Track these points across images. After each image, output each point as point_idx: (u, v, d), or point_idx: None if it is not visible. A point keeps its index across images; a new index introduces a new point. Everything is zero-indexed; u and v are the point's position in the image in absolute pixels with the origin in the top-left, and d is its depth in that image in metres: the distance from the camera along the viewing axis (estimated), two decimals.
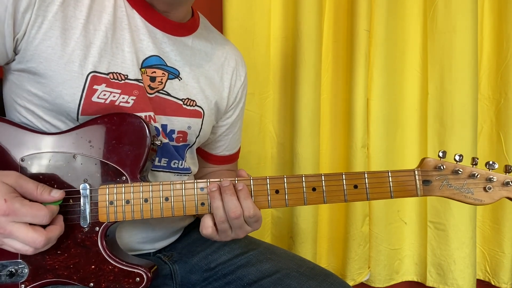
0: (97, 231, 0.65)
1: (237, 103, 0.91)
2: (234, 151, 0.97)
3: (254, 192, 0.67)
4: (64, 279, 0.64)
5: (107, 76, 0.68)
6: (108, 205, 0.65)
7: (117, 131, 0.67)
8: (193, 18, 0.83)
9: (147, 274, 0.66)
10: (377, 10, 1.31)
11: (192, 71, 0.79)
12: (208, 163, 0.95)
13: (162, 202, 0.66)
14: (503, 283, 1.44)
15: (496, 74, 1.41)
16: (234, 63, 0.89)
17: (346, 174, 0.67)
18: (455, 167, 0.67)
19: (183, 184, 0.67)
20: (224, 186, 0.65)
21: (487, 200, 0.67)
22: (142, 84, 0.72)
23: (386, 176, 0.67)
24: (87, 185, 0.65)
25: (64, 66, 0.65)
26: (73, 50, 0.66)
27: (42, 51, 0.65)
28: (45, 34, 0.64)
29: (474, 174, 0.67)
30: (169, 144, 0.77)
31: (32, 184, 0.60)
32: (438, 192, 0.68)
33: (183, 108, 0.78)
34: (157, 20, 0.75)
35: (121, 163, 0.66)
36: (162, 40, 0.76)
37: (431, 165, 0.68)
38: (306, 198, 0.67)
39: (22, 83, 0.68)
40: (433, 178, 0.67)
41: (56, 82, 0.66)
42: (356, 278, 1.40)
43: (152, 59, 0.74)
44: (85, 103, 0.67)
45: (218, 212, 0.65)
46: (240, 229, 0.67)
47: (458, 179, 0.67)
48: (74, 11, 0.67)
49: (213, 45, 0.86)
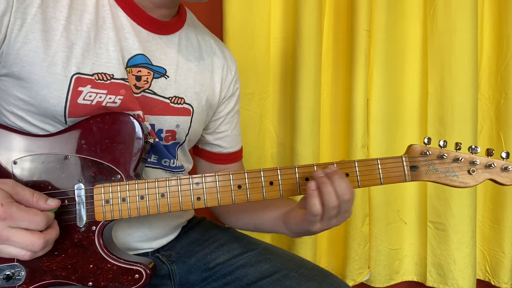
0: (94, 230, 0.65)
1: (230, 96, 0.89)
2: (236, 148, 0.95)
3: (249, 185, 0.68)
4: (62, 280, 0.65)
5: (92, 77, 0.67)
6: (104, 204, 0.65)
7: (110, 130, 0.67)
8: (179, 14, 0.81)
9: (146, 271, 0.66)
10: (377, 10, 1.31)
11: (179, 69, 0.78)
12: (212, 163, 0.94)
13: (158, 198, 0.67)
14: (503, 283, 1.44)
15: (496, 74, 1.41)
16: (223, 58, 0.87)
17: (338, 164, 0.69)
18: (440, 152, 0.70)
19: (178, 180, 0.67)
20: (333, 171, 0.65)
21: (472, 183, 0.70)
22: (128, 83, 0.71)
23: (376, 164, 0.69)
24: (81, 185, 0.65)
25: (47, 69, 0.64)
26: (55, 52, 0.65)
27: (24, 54, 0.63)
28: (25, 37, 0.63)
29: (458, 158, 0.69)
30: (159, 143, 0.77)
31: (28, 192, 0.59)
32: (425, 177, 0.70)
33: (171, 106, 0.77)
34: (142, 18, 0.74)
35: (115, 162, 0.66)
36: (147, 39, 0.74)
37: (417, 151, 0.70)
38: (300, 188, 0.69)
39: (8, 88, 0.66)
40: (420, 164, 0.70)
41: (40, 86, 0.64)
42: (356, 278, 1.40)
43: (138, 58, 0.73)
44: (71, 105, 0.66)
45: (331, 197, 0.63)
46: (346, 212, 0.66)
47: (443, 163, 0.70)
48: (54, 12, 0.65)
49: (200, 41, 0.85)
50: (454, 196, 1.33)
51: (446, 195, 1.34)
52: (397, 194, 1.42)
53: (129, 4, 0.72)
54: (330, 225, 0.67)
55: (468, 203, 1.33)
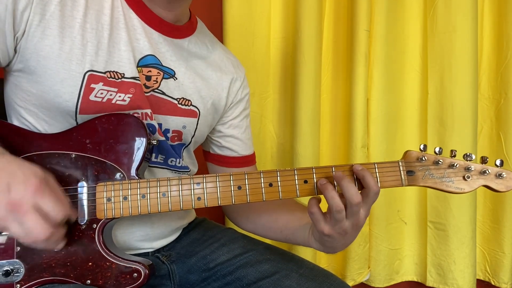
0: (94, 228, 0.66)
1: (238, 102, 0.90)
2: (247, 152, 0.94)
3: (249, 186, 0.69)
4: (61, 277, 0.65)
5: (104, 75, 0.69)
6: (106, 202, 0.66)
7: (115, 131, 0.68)
8: (190, 21, 0.84)
9: (145, 270, 0.66)
10: (377, 10, 1.31)
11: (188, 71, 0.80)
12: (224, 167, 0.92)
13: (159, 197, 0.67)
14: (503, 283, 1.44)
15: (496, 74, 1.41)
16: (231, 66, 0.89)
17: (336, 167, 0.70)
18: (436, 158, 0.71)
19: (179, 180, 0.68)
20: (341, 175, 0.67)
21: (467, 189, 0.71)
22: (139, 81, 0.72)
23: (373, 168, 0.70)
24: (84, 183, 0.66)
25: (61, 64, 0.66)
26: (71, 49, 0.67)
27: (40, 49, 0.65)
28: (43, 33, 0.65)
29: (454, 164, 0.70)
30: (165, 142, 0.78)
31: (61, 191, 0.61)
32: (421, 182, 0.71)
33: (178, 107, 0.78)
34: (153, 21, 0.75)
35: (118, 161, 0.68)
36: (158, 41, 0.76)
37: (414, 156, 0.71)
38: (298, 190, 0.69)
39: (21, 83, 0.68)
40: (416, 169, 0.71)
41: (54, 81, 0.66)
42: (356, 278, 1.40)
43: (148, 59, 0.74)
44: (83, 101, 0.68)
45: (334, 201, 0.64)
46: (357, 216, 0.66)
47: (439, 169, 0.71)
48: (72, 10, 0.68)
49: (209, 48, 0.86)
50: (454, 196, 1.33)
51: (446, 195, 1.34)
52: (397, 194, 1.42)
53: (140, 7, 0.74)
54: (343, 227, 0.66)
55: (468, 203, 1.33)
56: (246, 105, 0.93)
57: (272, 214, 0.83)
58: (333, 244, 0.70)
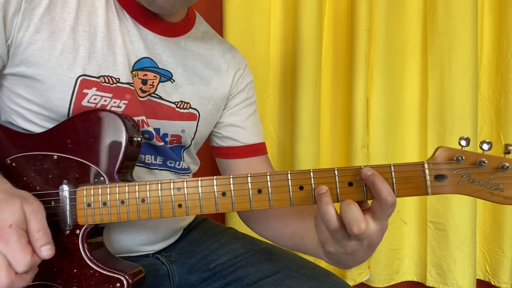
0: (77, 234, 0.63)
1: (239, 92, 0.87)
2: (252, 141, 0.87)
3: (234, 192, 0.60)
4: (49, 282, 0.63)
5: (98, 80, 0.67)
6: (86, 207, 0.62)
7: (93, 129, 0.64)
8: (187, 17, 0.80)
9: (128, 281, 0.63)
10: (377, 10, 1.31)
11: (186, 73, 0.77)
12: (230, 159, 0.87)
13: (138, 203, 0.62)
14: (503, 283, 1.44)
15: (496, 74, 1.41)
16: (232, 58, 0.86)
17: (339, 170, 0.56)
18: (479, 157, 0.53)
19: (159, 184, 0.62)
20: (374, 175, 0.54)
21: None
22: (134, 88, 0.70)
23: (389, 172, 0.55)
24: (65, 187, 0.63)
25: (52, 69, 0.64)
26: (61, 53, 0.64)
27: (29, 55, 0.63)
28: (31, 38, 0.63)
29: (505, 166, 0.51)
30: (164, 146, 0.76)
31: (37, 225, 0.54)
32: (457, 189, 0.54)
33: (176, 111, 0.76)
34: (147, 21, 0.73)
35: (99, 163, 0.64)
36: (153, 41, 0.73)
37: (446, 155, 0.55)
38: (292, 198, 0.58)
39: (14, 87, 0.66)
40: (450, 172, 0.54)
41: (45, 86, 0.64)
42: (356, 278, 1.40)
43: (144, 61, 0.72)
44: (75, 107, 0.65)
45: (327, 217, 0.54)
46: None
47: (482, 172, 0.54)
48: (62, 12, 0.65)
49: (208, 44, 0.83)
50: (454, 196, 1.32)
51: (446, 195, 1.33)
52: None
53: (134, 7, 0.72)
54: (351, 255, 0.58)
55: (468, 203, 1.33)
56: (248, 94, 0.89)
57: (282, 218, 0.77)
58: (341, 262, 0.61)
